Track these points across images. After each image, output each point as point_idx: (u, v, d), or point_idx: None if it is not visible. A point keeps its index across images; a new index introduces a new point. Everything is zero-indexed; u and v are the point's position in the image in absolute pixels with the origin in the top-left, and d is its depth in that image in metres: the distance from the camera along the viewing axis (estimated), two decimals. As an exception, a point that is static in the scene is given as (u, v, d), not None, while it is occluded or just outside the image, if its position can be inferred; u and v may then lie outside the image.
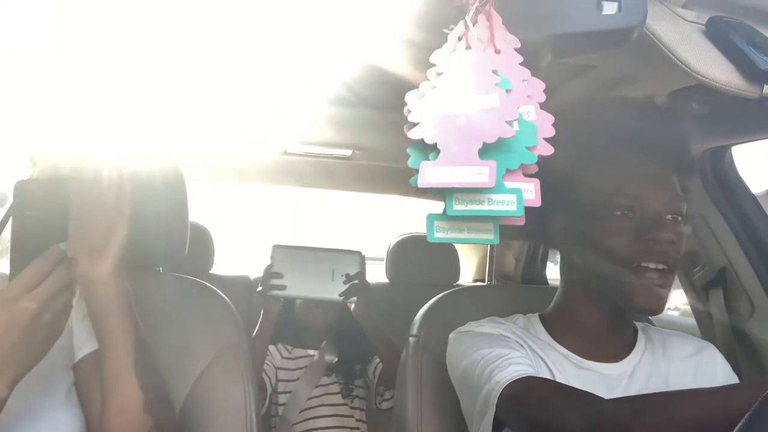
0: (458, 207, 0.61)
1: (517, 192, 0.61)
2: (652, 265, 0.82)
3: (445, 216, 0.62)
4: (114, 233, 0.80)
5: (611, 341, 0.93)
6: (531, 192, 0.62)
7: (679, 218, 0.85)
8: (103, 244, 0.80)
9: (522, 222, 0.62)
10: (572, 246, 0.91)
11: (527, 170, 0.63)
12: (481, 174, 0.59)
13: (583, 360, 0.91)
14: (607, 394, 0.83)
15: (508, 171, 0.62)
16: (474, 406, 0.87)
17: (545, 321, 0.97)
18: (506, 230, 0.65)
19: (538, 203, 0.62)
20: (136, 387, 0.80)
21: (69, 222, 0.73)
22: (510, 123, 0.61)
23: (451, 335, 0.98)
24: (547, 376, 0.88)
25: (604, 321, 0.91)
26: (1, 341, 0.66)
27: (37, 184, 0.73)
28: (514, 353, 0.86)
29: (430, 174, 0.60)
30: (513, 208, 0.61)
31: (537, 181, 0.63)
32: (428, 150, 0.62)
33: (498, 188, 0.60)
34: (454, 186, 0.60)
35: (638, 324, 0.99)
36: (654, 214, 0.84)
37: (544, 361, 0.90)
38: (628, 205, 0.84)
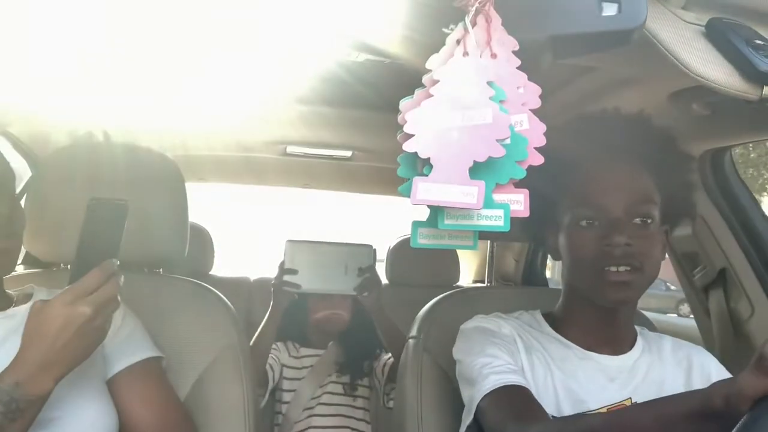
0: (449, 221, 0.63)
1: (505, 207, 0.63)
2: (613, 269, 0.87)
3: (428, 224, 0.65)
4: None
5: (612, 336, 0.97)
6: (520, 203, 0.64)
7: (648, 221, 0.89)
8: None
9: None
10: (556, 253, 0.97)
11: (517, 181, 0.64)
12: (469, 195, 0.60)
13: (585, 351, 0.95)
14: (608, 384, 0.92)
15: (498, 184, 0.63)
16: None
17: (548, 317, 1.01)
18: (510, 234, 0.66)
19: (526, 213, 0.64)
20: None
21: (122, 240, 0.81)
22: (501, 141, 0.61)
23: (461, 328, 1.01)
24: (545, 370, 0.93)
25: (601, 317, 0.95)
26: (56, 339, 0.73)
27: (106, 205, 0.81)
28: (496, 361, 0.90)
29: (422, 191, 0.61)
30: (500, 223, 0.63)
31: (526, 192, 0.64)
32: (421, 163, 0.62)
33: (487, 204, 0.62)
34: (444, 205, 0.61)
35: (637, 327, 1.02)
36: (615, 220, 0.88)
37: (544, 355, 0.94)
38: (590, 215, 0.89)
